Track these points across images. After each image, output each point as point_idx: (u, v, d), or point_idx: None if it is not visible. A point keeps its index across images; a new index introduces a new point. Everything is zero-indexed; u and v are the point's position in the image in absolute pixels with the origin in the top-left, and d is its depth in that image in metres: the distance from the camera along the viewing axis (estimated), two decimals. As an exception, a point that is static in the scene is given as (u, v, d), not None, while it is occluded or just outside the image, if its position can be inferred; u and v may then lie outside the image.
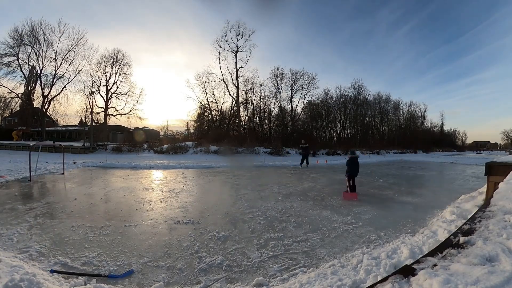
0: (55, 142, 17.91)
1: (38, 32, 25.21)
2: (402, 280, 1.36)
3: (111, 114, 29.22)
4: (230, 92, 31.59)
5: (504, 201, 2.71)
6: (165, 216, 4.33)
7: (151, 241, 3.27)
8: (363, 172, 12.14)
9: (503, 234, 1.87)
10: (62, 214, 4.29)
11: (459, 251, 1.67)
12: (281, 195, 6.20)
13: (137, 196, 5.76)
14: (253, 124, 33.72)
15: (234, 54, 31.23)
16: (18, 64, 25.15)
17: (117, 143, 24.45)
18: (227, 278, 2.47)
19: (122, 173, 9.85)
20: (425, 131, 52.32)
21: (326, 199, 5.89)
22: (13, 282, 1.97)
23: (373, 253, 2.85)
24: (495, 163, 4.71)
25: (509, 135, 67.97)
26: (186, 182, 8.04)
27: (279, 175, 10.42)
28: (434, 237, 3.18)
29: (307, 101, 35.97)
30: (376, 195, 6.44)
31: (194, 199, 5.67)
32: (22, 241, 3.12)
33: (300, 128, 34.57)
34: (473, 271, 1.35)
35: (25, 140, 26.84)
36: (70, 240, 3.20)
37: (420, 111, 52.58)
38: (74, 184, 7.33)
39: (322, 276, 2.38)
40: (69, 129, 34.01)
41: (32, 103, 27.20)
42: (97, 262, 2.68)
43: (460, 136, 71.32)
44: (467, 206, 4.33)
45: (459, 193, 5.84)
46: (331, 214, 4.61)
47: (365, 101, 42.71)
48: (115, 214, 4.43)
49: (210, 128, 30.52)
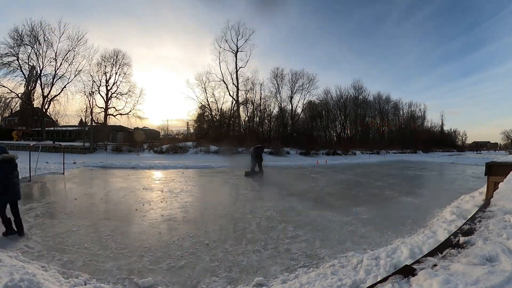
0: (55, 142, 17.92)
1: (38, 32, 25.23)
2: (402, 280, 1.36)
3: (111, 114, 29.22)
4: (230, 92, 31.64)
5: (504, 201, 2.71)
6: (165, 216, 4.33)
7: (151, 241, 3.27)
8: (363, 172, 12.15)
9: (503, 234, 1.87)
10: (62, 214, 4.29)
11: (459, 251, 1.67)
12: (281, 195, 6.20)
13: (137, 196, 5.75)
14: (253, 124, 33.75)
15: (234, 54, 31.27)
16: (18, 64, 25.17)
17: (117, 143, 24.43)
18: (227, 278, 2.47)
19: (122, 173, 9.85)
20: (425, 131, 52.30)
21: (326, 199, 5.89)
22: (13, 282, 1.97)
23: (373, 253, 2.85)
24: (495, 163, 4.71)
25: (509, 135, 67.97)
26: (186, 182, 8.04)
27: (279, 175, 10.42)
28: (434, 237, 3.18)
29: (307, 101, 36.03)
30: (376, 195, 6.44)
31: (194, 199, 5.67)
32: (22, 241, 3.12)
33: (300, 128, 34.59)
34: (473, 271, 1.35)
35: (25, 140, 26.80)
36: (70, 240, 3.20)
37: (420, 111, 52.65)
38: (74, 184, 7.33)
39: (322, 276, 2.38)
40: (69, 129, 33.97)
41: (32, 103, 27.20)
42: (98, 262, 2.68)
43: (460, 136, 71.38)
44: (467, 206, 4.33)
45: (459, 193, 5.84)
46: (331, 214, 4.61)
47: (365, 101, 42.75)
48: (115, 214, 4.43)
49: (210, 128, 30.54)
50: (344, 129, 41.32)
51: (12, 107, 28.28)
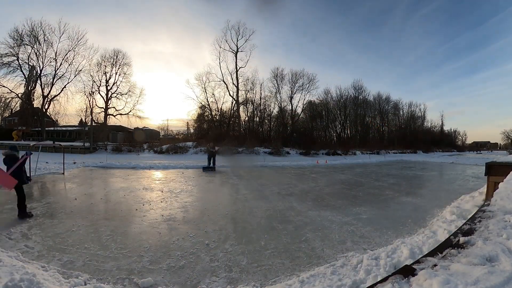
0: (55, 142, 17.94)
1: (38, 32, 25.18)
2: (402, 280, 1.36)
3: (111, 114, 29.20)
4: (230, 92, 31.63)
5: (504, 201, 2.72)
6: (165, 216, 4.33)
7: (151, 241, 3.27)
8: (363, 172, 12.15)
9: (503, 234, 1.87)
10: (62, 214, 4.29)
11: (459, 251, 1.67)
12: (281, 195, 6.20)
13: (137, 196, 5.75)
14: (253, 124, 33.74)
15: (234, 54, 31.25)
16: (18, 64, 25.13)
17: (117, 143, 24.40)
18: (227, 278, 2.47)
19: (122, 173, 9.84)
20: (425, 131, 52.30)
21: (326, 199, 5.89)
22: (13, 282, 1.97)
23: (373, 253, 2.85)
24: (495, 163, 4.72)
25: (509, 135, 67.97)
26: (186, 182, 8.04)
27: (279, 175, 10.43)
28: (434, 237, 3.18)
29: (307, 101, 36.02)
30: (376, 195, 6.44)
31: (194, 199, 5.67)
32: (22, 241, 3.12)
33: (300, 128, 34.58)
34: (473, 271, 1.35)
35: (25, 140, 26.77)
36: (70, 240, 3.20)
37: (420, 111, 52.66)
38: (74, 184, 7.33)
39: (322, 276, 2.38)
40: (69, 129, 33.95)
41: (32, 103, 27.17)
42: (98, 262, 2.68)
43: (460, 136, 71.37)
44: (467, 206, 4.33)
45: (459, 193, 5.84)
46: (331, 214, 4.61)
47: (365, 101, 42.74)
48: (115, 214, 4.43)
49: (210, 128, 30.52)
50: (344, 129, 41.32)
51: (12, 107, 28.25)
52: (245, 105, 32.68)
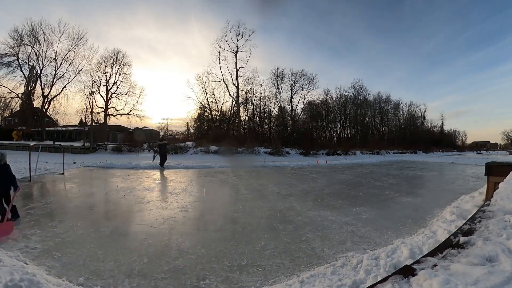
0: (55, 142, 17.94)
1: (38, 32, 25.23)
2: (402, 280, 1.36)
3: (111, 114, 29.21)
4: (230, 92, 31.67)
5: (504, 201, 2.72)
6: (165, 216, 4.33)
7: (151, 241, 3.27)
8: (363, 172, 12.15)
9: (503, 234, 1.87)
10: (62, 214, 4.29)
11: (459, 251, 1.67)
12: (281, 196, 6.20)
13: (137, 196, 5.75)
14: (253, 124, 33.78)
15: (234, 54, 31.31)
16: (18, 64, 25.17)
17: (117, 143, 24.41)
18: (227, 278, 2.47)
19: (122, 173, 9.84)
20: (425, 131, 52.35)
21: (326, 199, 5.89)
22: (13, 282, 1.97)
23: (373, 253, 2.85)
24: (495, 163, 4.72)
25: (509, 135, 68.01)
26: (186, 182, 8.04)
27: (279, 175, 10.42)
28: (434, 237, 3.18)
29: (307, 101, 36.06)
30: (376, 195, 6.44)
31: (194, 199, 5.67)
32: (22, 241, 3.12)
33: (300, 128, 34.60)
34: (473, 271, 1.35)
35: (25, 140, 26.82)
36: (70, 240, 3.20)
37: (420, 111, 52.71)
38: (74, 184, 7.33)
39: (322, 276, 2.38)
40: (69, 129, 33.98)
41: (32, 103, 27.19)
42: (97, 262, 2.68)
43: (460, 136, 71.39)
44: (467, 206, 4.33)
45: (459, 193, 5.84)
46: (331, 214, 4.61)
47: (365, 101, 42.78)
48: (115, 214, 4.43)
49: (210, 128, 30.54)
50: (344, 129, 41.36)
51: (12, 107, 28.25)
52: (245, 105, 32.73)
